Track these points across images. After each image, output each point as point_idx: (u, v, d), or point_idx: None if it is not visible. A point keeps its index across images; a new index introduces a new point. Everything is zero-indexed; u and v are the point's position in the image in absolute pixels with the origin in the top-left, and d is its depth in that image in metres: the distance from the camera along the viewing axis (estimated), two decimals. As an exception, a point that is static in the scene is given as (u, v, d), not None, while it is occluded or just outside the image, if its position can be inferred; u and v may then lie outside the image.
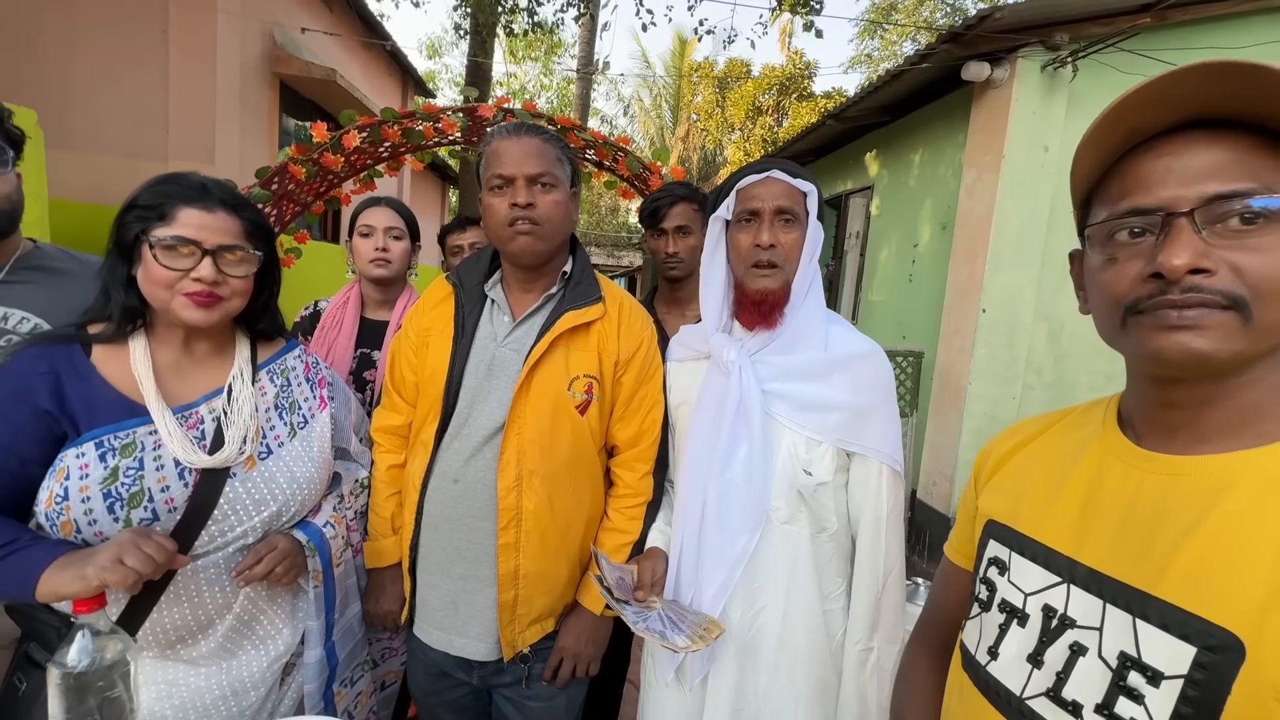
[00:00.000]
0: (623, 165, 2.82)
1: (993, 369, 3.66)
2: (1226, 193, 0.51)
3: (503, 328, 1.20)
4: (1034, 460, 0.71)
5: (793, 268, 1.08)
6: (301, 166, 2.54)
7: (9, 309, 1.14)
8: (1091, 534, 0.60)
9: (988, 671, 0.66)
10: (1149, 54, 3.35)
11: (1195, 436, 0.57)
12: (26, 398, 0.90)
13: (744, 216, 1.10)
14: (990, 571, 0.69)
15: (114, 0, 4.14)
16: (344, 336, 1.67)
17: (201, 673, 1.00)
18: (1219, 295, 0.51)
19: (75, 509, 0.88)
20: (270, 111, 5.37)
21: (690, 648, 0.99)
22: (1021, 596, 0.64)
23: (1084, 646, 0.57)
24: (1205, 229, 0.52)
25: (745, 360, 1.09)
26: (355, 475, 1.28)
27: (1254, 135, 0.51)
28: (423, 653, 1.23)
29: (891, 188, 4.95)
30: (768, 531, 1.07)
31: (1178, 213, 0.53)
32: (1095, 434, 0.66)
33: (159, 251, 0.92)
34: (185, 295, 0.94)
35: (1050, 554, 0.62)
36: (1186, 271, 0.51)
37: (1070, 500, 0.63)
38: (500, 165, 1.12)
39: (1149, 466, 0.58)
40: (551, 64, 19.66)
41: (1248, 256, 0.50)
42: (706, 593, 1.07)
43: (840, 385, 1.07)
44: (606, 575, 1.10)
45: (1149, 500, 0.57)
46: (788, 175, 1.09)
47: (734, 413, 1.07)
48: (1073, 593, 0.59)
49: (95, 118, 4.17)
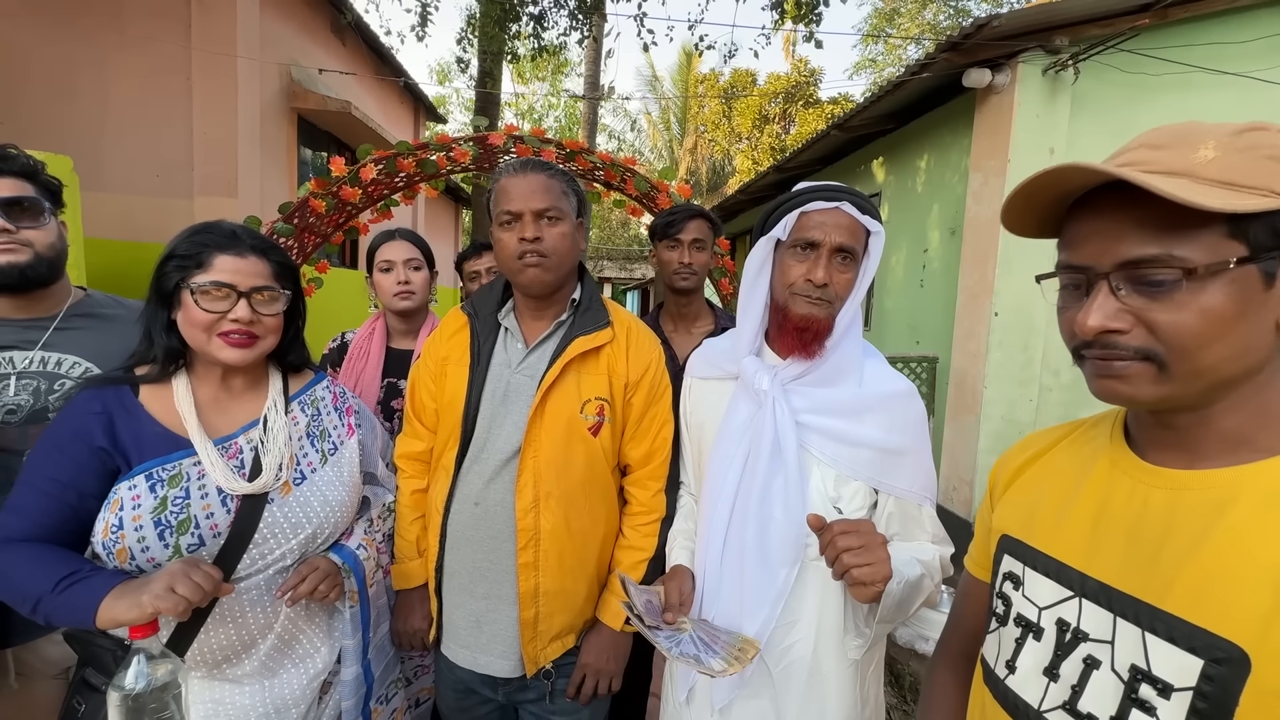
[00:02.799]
0: (630, 185, 2.89)
1: (1008, 372, 3.65)
2: (1135, 259, 0.55)
3: (516, 355, 1.25)
4: (1046, 474, 0.73)
5: (840, 306, 1.04)
6: (321, 200, 2.65)
7: (63, 355, 1.23)
8: (1102, 548, 0.61)
9: (1006, 685, 0.67)
10: (1151, 53, 3.35)
11: (1193, 452, 0.59)
12: (84, 437, 0.98)
13: (801, 244, 1.03)
14: (1005, 586, 0.70)
15: (141, 51, 4.35)
16: (371, 367, 1.72)
17: (245, 691, 1.06)
18: (1130, 350, 0.56)
19: (129, 537, 0.95)
20: (289, 145, 5.56)
21: (727, 671, 0.95)
22: (1036, 611, 0.65)
23: (1097, 660, 0.58)
24: (1123, 287, 0.56)
25: (779, 390, 1.05)
26: (383, 500, 1.34)
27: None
28: (450, 671, 1.27)
29: (899, 194, 4.96)
30: (801, 565, 1.04)
31: (1099, 272, 0.57)
32: (1103, 448, 0.67)
33: (199, 296, 1.00)
34: (221, 336, 1.02)
35: (1062, 568, 0.64)
36: (1098, 332, 0.56)
37: (1081, 515, 0.64)
38: (508, 201, 1.17)
39: (1154, 481, 0.60)
40: (558, 84, 19.95)
41: (1158, 315, 0.54)
42: (749, 627, 1.04)
43: (872, 424, 1.05)
44: (635, 601, 1.06)
45: (1155, 514, 0.58)
46: (857, 211, 1.02)
47: (770, 445, 1.03)
48: (1085, 606, 0.61)
49: (126, 160, 4.37)
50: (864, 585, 0.86)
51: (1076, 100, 3.51)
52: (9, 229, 1.16)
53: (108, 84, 4.32)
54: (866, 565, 0.85)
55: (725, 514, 1.08)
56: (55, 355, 1.22)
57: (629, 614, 1.04)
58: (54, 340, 1.23)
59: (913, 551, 1.03)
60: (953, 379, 3.94)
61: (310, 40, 5.98)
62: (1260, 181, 0.52)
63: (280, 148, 5.40)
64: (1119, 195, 0.55)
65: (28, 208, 1.19)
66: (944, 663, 0.88)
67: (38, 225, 1.20)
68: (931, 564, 1.04)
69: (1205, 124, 0.56)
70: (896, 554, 0.97)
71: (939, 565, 1.06)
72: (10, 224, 1.16)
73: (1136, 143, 0.58)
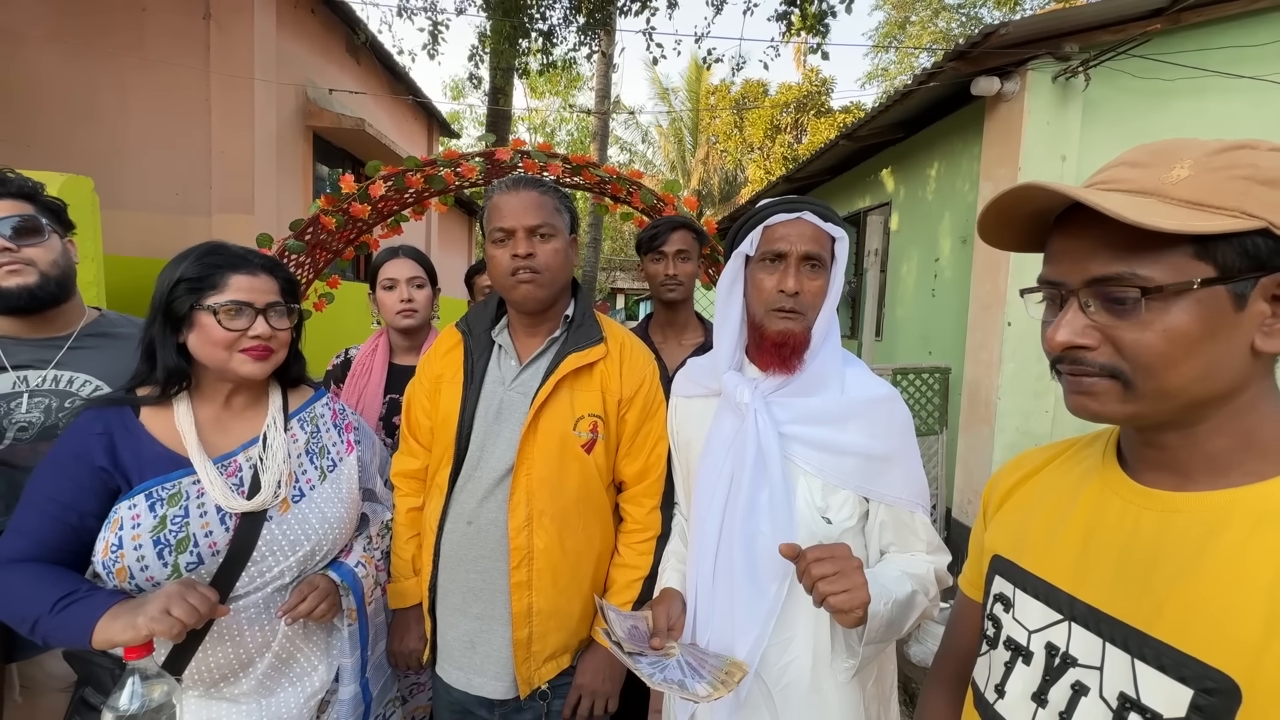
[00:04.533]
0: (636, 198, 2.90)
1: (1022, 383, 3.58)
2: (1101, 277, 0.54)
3: (510, 371, 1.25)
4: (1037, 494, 0.71)
5: (814, 315, 1.05)
6: (332, 217, 2.69)
7: (75, 373, 1.25)
8: (1091, 571, 0.60)
9: (995, 710, 0.65)
10: (1164, 58, 3.30)
11: (1183, 474, 0.57)
12: (85, 458, 0.99)
13: (769, 256, 1.05)
14: (996, 608, 0.69)
15: (161, 73, 4.49)
16: (374, 383, 1.74)
17: (242, 709, 1.07)
18: (1096, 367, 0.56)
19: (129, 556, 0.96)
20: (304, 162, 5.68)
21: (711, 696, 0.92)
22: (1025, 634, 0.64)
23: (1085, 686, 0.57)
24: (1092, 304, 0.56)
25: (760, 403, 1.05)
26: (382, 517, 1.34)
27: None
28: (445, 692, 1.26)
29: (909, 203, 4.93)
30: (791, 581, 1.01)
31: (1070, 289, 0.57)
32: (1095, 468, 0.66)
33: (222, 315, 1.02)
34: (243, 352, 1.04)
35: (1052, 590, 0.62)
36: (1064, 348, 0.57)
37: (1071, 536, 0.63)
38: (501, 219, 1.18)
39: (1145, 502, 0.58)
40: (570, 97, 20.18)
41: (1123, 333, 0.54)
42: (741, 646, 1.03)
43: (856, 430, 1.04)
44: (615, 629, 1.04)
45: (1146, 537, 0.57)
46: (819, 219, 1.04)
47: (753, 458, 1.03)
48: (1074, 631, 0.59)
49: (145, 179, 4.50)
50: (843, 612, 0.85)
51: (1088, 107, 3.46)
52: (10, 248, 1.19)
53: (128, 105, 4.46)
54: (843, 592, 0.84)
55: (714, 531, 1.07)
56: (67, 374, 1.25)
57: (608, 641, 1.03)
58: (66, 359, 1.25)
59: (904, 566, 1.01)
60: (965, 390, 3.88)
61: (326, 60, 6.12)
62: (1229, 202, 0.50)
63: (296, 165, 5.52)
64: (1091, 213, 0.54)
65: (28, 226, 1.22)
66: (937, 684, 0.86)
67: (38, 243, 1.23)
68: (925, 577, 1.02)
69: (1192, 141, 0.54)
70: (886, 571, 0.95)
71: (934, 577, 1.04)
72: (11, 243, 1.19)
73: (1119, 160, 0.58)
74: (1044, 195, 0.57)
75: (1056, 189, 0.55)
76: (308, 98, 5.61)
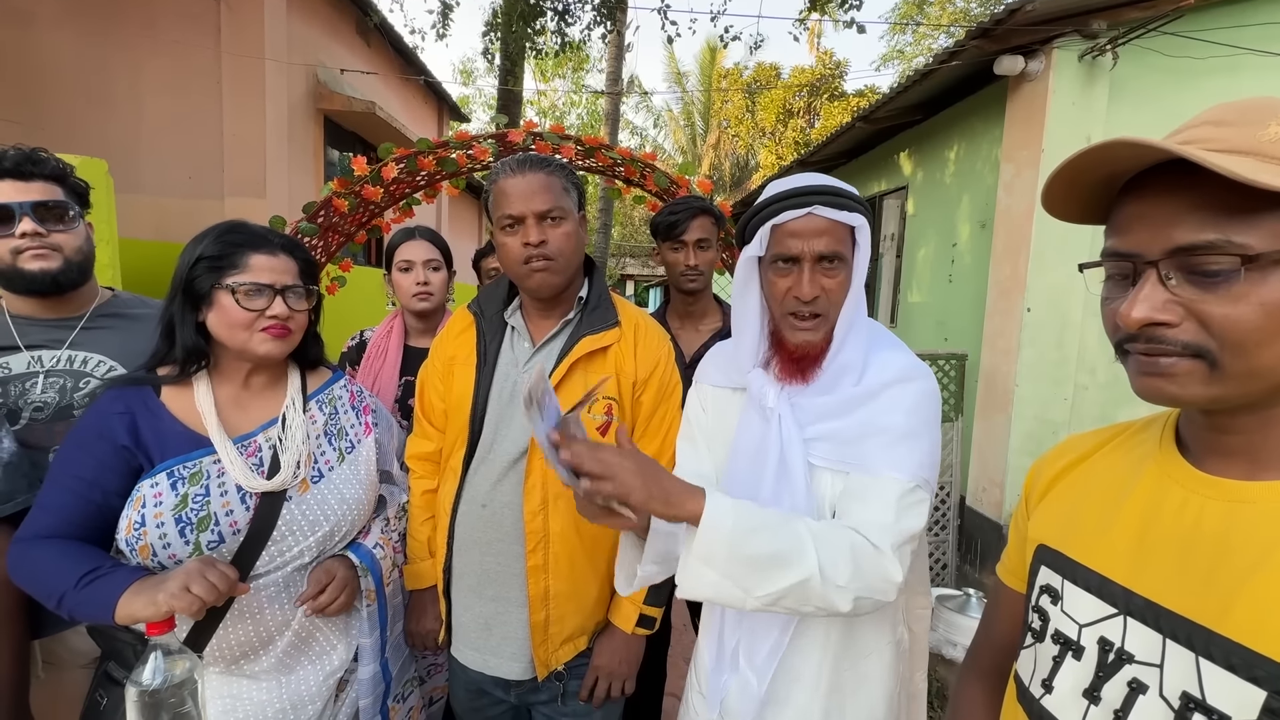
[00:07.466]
0: (650, 181, 2.86)
1: (1041, 370, 3.53)
2: (1188, 245, 0.50)
3: (523, 354, 1.24)
4: (1086, 481, 0.68)
5: (836, 313, 0.96)
6: (344, 200, 2.68)
7: (89, 354, 1.25)
8: (1150, 563, 0.56)
9: (1042, 705, 0.63)
10: (1196, 35, 3.19)
11: (1255, 460, 0.54)
12: (108, 436, 1.00)
13: (780, 259, 0.95)
14: (1043, 600, 0.66)
15: (173, 56, 4.48)
16: (389, 366, 1.74)
17: (262, 686, 1.08)
18: (1179, 346, 0.51)
19: (151, 534, 0.97)
20: (315, 145, 5.67)
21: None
22: (1076, 628, 0.61)
23: (1144, 684, 0.54)
24: (1173, 277, 0.51)
25: (785, 406, 0.99)
26: (399, 500, 1.34)
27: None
28: (462, 672, 1.27)
29: (927, 186, 4.84)
30: None
31: (1147, 260, 0.52)
32: (1152, 454, 0.62)
33: (240, 296, 1.02)
34: (264, 331, 1.04)
35: (1105, 583, 0.59)
36: (1142, 325, 0.52)
37: (1126, 525, 0.59)
38: (509, 205, 1.14)
39: (1210, 492, 0.55)
40: (579, 80, 19.99)
41: (1213, 308, 0.49)
42: (760, 650, 1.00)
43: (862, 417, 0.96)
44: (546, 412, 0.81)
45: (1211, 528, 0.53)
46: (832, 210, 0.92)
47: (776, 466, 0.98)
48: (1130, 625, 0.56)
49: (159, 162, 4.50)
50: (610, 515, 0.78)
51: (1115, 86, 3.36)
52: (40, 232, 1.19)
53: (141, 88, 4.45)
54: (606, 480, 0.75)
55: None
56: (81, 354, 1.25)
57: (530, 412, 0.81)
58: (80, 340, 1.26)
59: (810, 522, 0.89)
60: (983, 377, 3.83)
61: (336, 42, 6.08)
62: None
63: (307, 148, 5.51)
64: (1173, 176, 0.50)
65: (57, 211, 1.22)
66: (973, 675, 0.84)
67: (67, 229, 1.23)
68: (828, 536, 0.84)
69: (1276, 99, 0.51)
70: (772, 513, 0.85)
71: (848, 547, 0.84)
72: (41, 227, 1.19)
73: (1199, 119, 0.53)
74: (1130, 153, 0.51)
75: (1152, 144, 0.49)
76: (318, 80, 5.58)
